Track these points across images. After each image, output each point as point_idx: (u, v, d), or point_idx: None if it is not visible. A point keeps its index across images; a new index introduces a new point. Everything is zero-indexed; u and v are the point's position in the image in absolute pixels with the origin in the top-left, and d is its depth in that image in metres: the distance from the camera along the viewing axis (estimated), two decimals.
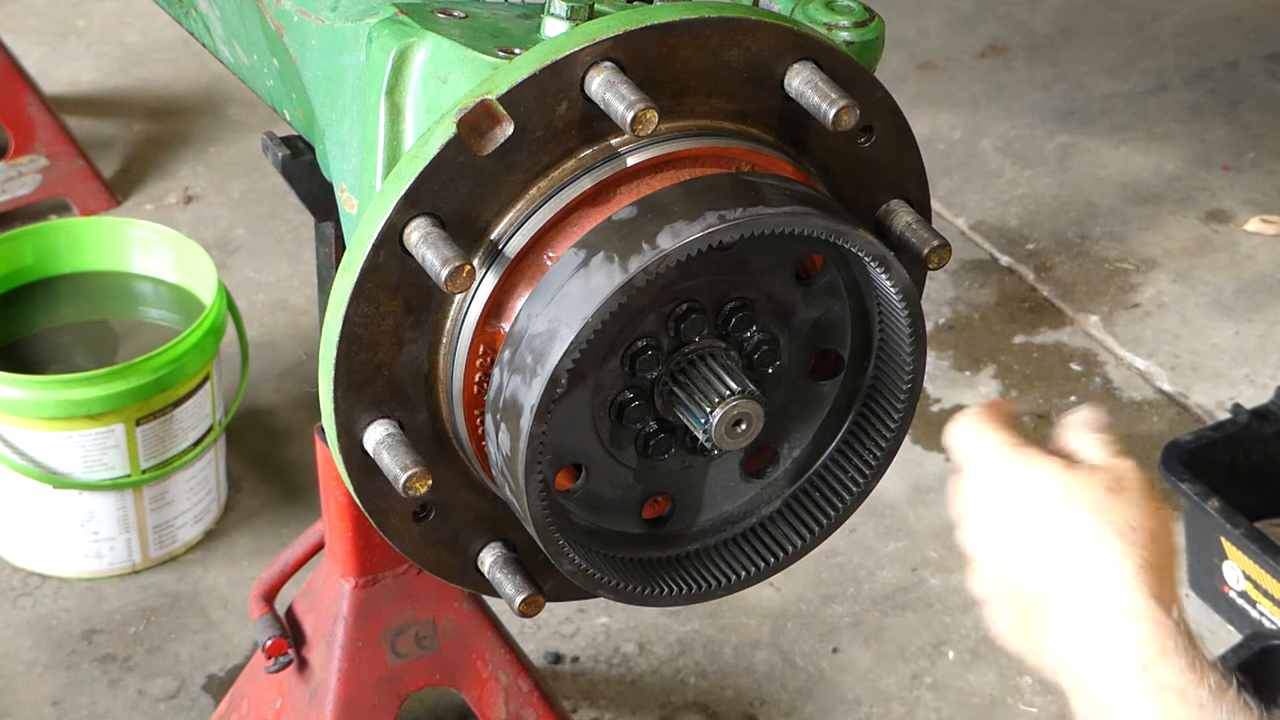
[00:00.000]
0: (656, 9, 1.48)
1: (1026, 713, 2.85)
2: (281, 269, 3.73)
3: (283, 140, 1.85)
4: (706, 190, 1.48)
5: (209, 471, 3.09)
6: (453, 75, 1.55)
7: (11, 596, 3.03)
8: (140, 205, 3.89)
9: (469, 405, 1.54)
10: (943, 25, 4.52)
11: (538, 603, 1.60)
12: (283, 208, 3.87)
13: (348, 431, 1.53)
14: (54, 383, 2.87)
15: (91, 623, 2.98)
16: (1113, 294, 3.68)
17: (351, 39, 1.65)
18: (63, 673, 2.89)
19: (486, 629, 2.42)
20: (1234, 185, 3.99)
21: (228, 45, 1.89)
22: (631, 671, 2.88)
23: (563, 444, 1.54)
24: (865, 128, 1.58)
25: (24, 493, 2.97)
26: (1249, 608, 2.91)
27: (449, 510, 1.61)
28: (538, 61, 1.44)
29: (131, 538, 3.03)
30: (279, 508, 3.19)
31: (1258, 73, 4.37)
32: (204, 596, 3.03)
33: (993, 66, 4.35)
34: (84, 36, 4.45)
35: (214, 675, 2.89)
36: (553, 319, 1.45)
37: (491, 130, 1.43)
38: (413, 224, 1.45)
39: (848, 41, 1.66)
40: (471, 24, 1.62)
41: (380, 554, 2.29)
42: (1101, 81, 4.33)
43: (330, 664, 2.36)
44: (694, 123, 1.53)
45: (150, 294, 3.20)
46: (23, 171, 3.78)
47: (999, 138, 4.09)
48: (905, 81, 4.22)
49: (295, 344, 3.53)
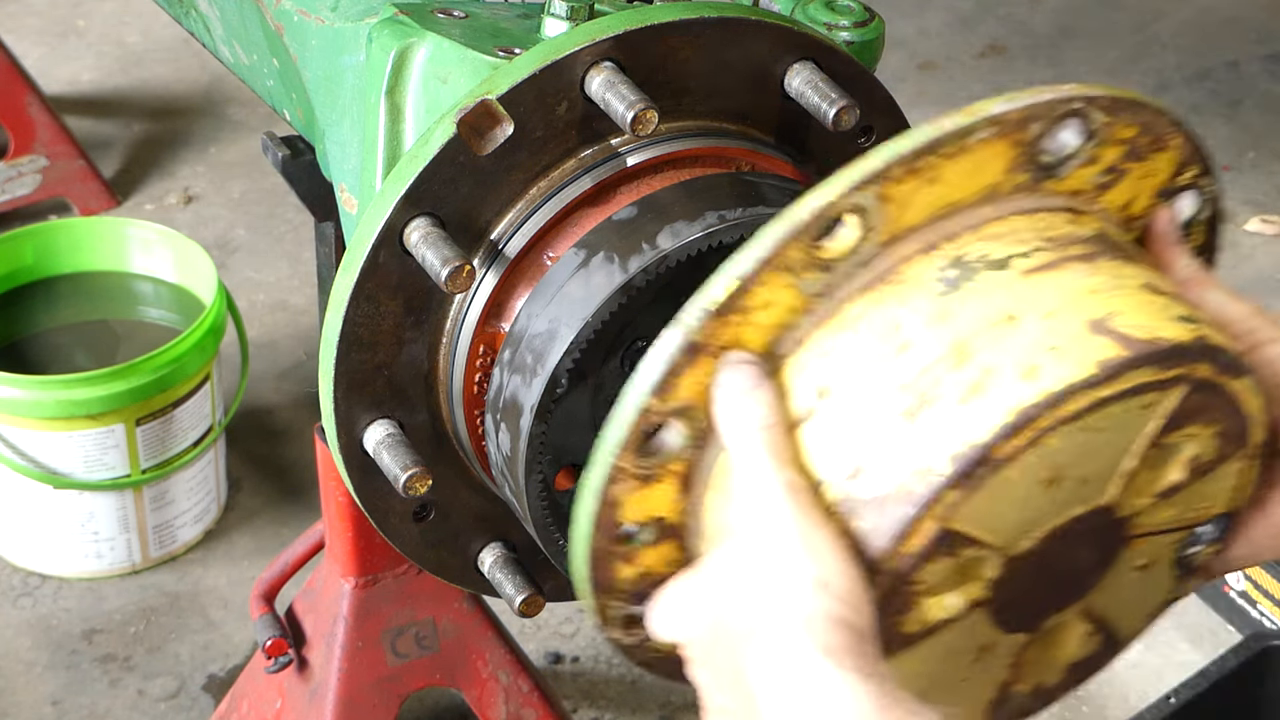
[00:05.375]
0: (656, 9, 1.48)
1: None
2: (281, 269, 3.73)
3: (283, 140, 1.85)
4: (706, 190, 1.48)
5: (209, 471, 3.09)
6: (453, 75, 1.55)
7: (11, 596, 3.03)
8: (140, 205, 3.90)
9: (469, 405, 1.54)
10: (943, 25, 4.52)
11: (538, 603, 1.60)
12: (283, 208, 3.87)
13: (348, 431, 1.53)
14: (54, 383, 2.87)
15: (91, 623, 2.98)
16: None
17: (351, 39, 1.65)
18: (63, 673, 2.89)
19: (486, 629, 2.42)
20: (1234, 185, 3.99)
21: (228, 45, 1.89)
22: (632, 671, 2.88)
23: (563, 444, 1.53)
24: (865, 128, 1.58)
25: (24, 493, 2.97)
26: (1249, 608, 2.91)
27: (449, 510, 1.61)
28: (538, 61, 1.44)
29: (131, 538, 3.03)
30: (279, 508, 3.19)
31: (1258, 73, 4.38)
32: (204, 596, 3.03)
33: (993, 66, 4.35)
34: (84, 36, 4.45)
35: (214, 675, 2.89)
36: (553, 319, 1.45)
37: (491, 130, 1.43)
38: (413, 224, 1.45)
39: (848, 41, 1.66)
40: (471, 24, 1.62)
41: (380, 554, 2.29)
42: (1101, 81, 4.33)
43: (330, 664, 2.36)
44: (694, 123, 1.53)
45: (150, 294, 3.20)
46: (23, 171, 3.78)
47: None
48: (905, 81, 4.22)
49: (295, 344, 3.53)
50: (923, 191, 1.24)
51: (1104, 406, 1.20)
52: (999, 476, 1.19)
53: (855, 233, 1.23)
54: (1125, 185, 1.33)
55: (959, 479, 1.18)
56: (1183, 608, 3.00)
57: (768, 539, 1.19)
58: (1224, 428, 1.29)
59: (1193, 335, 1.24)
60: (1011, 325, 1.21)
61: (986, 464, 1.18)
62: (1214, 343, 1.26)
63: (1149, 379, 1.21)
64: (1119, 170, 1.32)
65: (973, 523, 1.21)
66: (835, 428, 1.22)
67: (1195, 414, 1.27)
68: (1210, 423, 1.28)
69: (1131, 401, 1.22)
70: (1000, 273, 1.24)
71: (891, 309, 1.24)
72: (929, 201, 1.25)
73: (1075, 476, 1.24)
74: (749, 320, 1.23)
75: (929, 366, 1.20)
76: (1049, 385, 1.18)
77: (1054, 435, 1.19)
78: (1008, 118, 1.26)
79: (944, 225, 1.26)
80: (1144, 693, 2.83)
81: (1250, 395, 1.29)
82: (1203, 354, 1.24)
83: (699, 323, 1.22)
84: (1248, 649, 2.49)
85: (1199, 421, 1.27)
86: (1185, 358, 1.23)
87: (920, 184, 1.24)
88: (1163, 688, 2.57)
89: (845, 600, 1.17)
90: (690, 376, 1.23)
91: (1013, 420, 1.17)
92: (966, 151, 1.25)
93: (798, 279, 1.23)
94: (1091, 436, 1.21)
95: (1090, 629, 1.36)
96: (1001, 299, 1.23)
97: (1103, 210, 1.33)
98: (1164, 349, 1.22)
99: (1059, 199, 1.31)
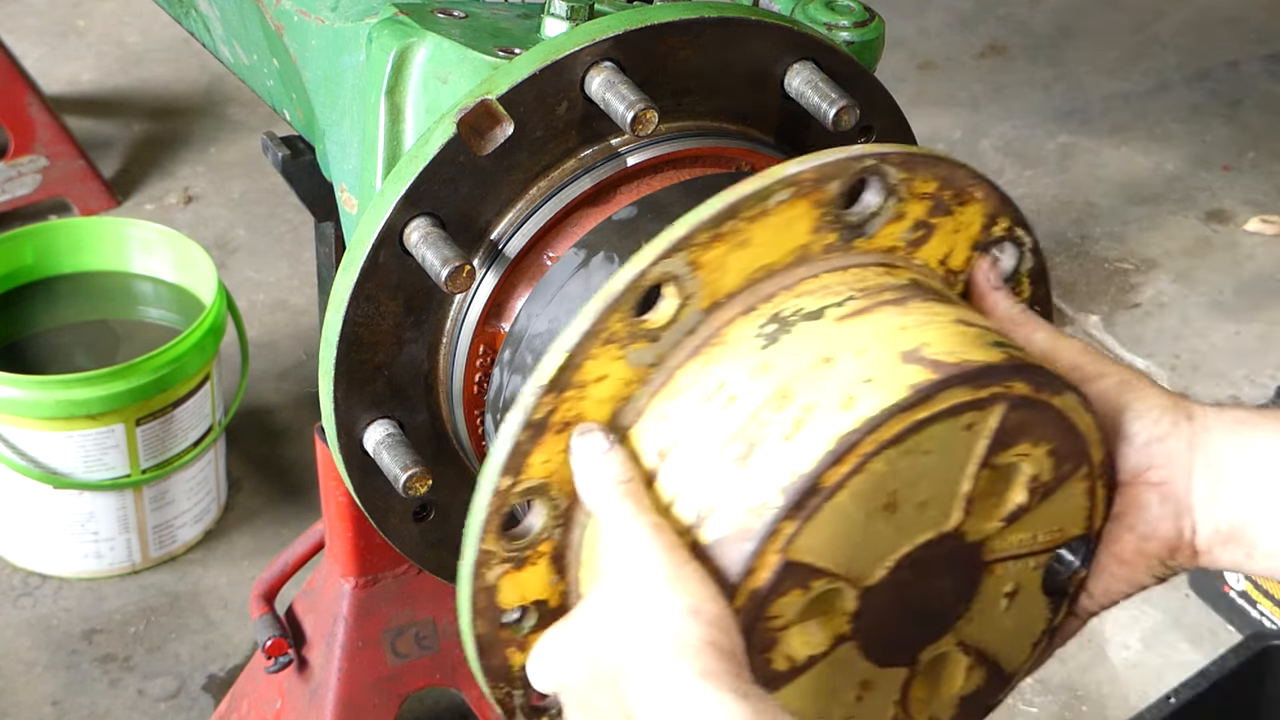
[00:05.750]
0: (656, 9, 1.48)
1: (1026, 712, 2.85)
2: (281, 269, 3.73)
3: (283, 140, 1.85)
4: (706, 190, 1.48)
5: (209, 471, 3.09)
6: (453, 75, 1.55)
7: (11, 596, 3.03)
8: (140, 205, 3.90)
9: (469, 405, 1.54)
10: (943, 25, 4.52)
11: None
12: (283, 208, 3.87)
13: (348, 431, 1.53)
14: (54, 383, 2.87)
15: (91, 623, 2.98)
16: (1113, 294, 3.68)
17: (351, 39, 1.65)
18: (63, 673, 2.89)
19: None
20: (1234, 185, 3.99)
21: (228, 45, 1.89)
22: None
23: None
24: (865, 128, 1.58)
25: (24, 493, 2.97)
26: (1249, 608, 2.91)
27: (449, 510, 1.61)
28: (538, 61, 1.44)
29: (131, 538, 3.03)
30: (279, 508, 3.19)
31: (1258, 73, 4.38)
32: (204, 596, 3.03)
33: (993, 66, 4.35)
34: (84, 36, 4.45)
35: (214, 675, 2.89)
36: (553, 319, 1.45)
37: (491, 130, 1.43)
38: (413, 224, 1.45)
39: (848, 41, 1.66)
40: (471, 24, 1.62)
41: (380, 554, 2.29)
42: (1101, 81, 4.33)
43: (330, 664, 2.36)
44: (694, 123, 1.53)
45: (150, 294, 3.20)
46: (23, 171, 3.78)
47: (999, 138, 4.10)
48: (905, 81, 4.22)
49: (295, 344, 3.53)
50: (734, 255, 1.30)
51: (924, 428, 1.25)
52: (832, 504, 1.24)
53: (674, 301, 1.29)
54: (938, 240, 1.38)
55: (791, 509, 1.23)
56: (1182, 608, 3.00)
57: (636, 576, 1.23)
58: (1057, 446, 1.33)
59: (1003, 356, 1.28)
60: (828, 365, 1.27)
61: (816, 493, 1.23)
62: (1027, 361, 1.29)
63: (964, 398, 1.25)
64: (928, 225, 1.37)
65: (815, 554, 1.25)
66: (677, 484, 1.28)
67: (1022, 431, 1.30)
68: (1041, 440, 1.32)
69: (951, 422, 1.26)
70: (816, 322, 1.30)
71: (717, 368, 1.30)
72: (742, 266, 1.31)
73: (914, 501, 1.28)
74: (586, 394, 1.29)
75: (755, 413, 1.26)
76: (865, 412, 1.23)
77: (879, 460, 1.24)
78: (802, 178, 1.31)
79: (761, 288, 1.32)
80: (1144, 693, 2.83)
81: (1078, 412, 1.32)
82: (1015, 371, 1.28)
83: (535, 400, 1.28)
84: (1248, 649, 2.49)
85: (1028, 439, 1.31)
86: (997, 375, 1.27)
87: (730, 248, 1.30)
88: (1163, 688, 2.57)
89: (717, 625, 1.20)
90: (539, 455, 1.29)
91: (834, 448, 1.23)
92: (769, 214, 1.30)
93: (626, 351, 1.29)
94: (919, 459, 1.26)
95: (971, 661, 1.39)
96: (818, 344, 1.28)
97: (923, 265, 1.38)
98: (974, 369, 1.26)
99: (872, 256, 1.36)
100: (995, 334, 1.32)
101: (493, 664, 1.38)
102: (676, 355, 1.31)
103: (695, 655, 1.18)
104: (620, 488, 1.27)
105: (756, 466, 1.25)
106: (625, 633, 1.22)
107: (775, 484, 1.23)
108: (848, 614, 1.30)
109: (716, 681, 1.17)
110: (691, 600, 1.21)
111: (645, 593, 1.23)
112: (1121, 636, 2.96)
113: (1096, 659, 2.93)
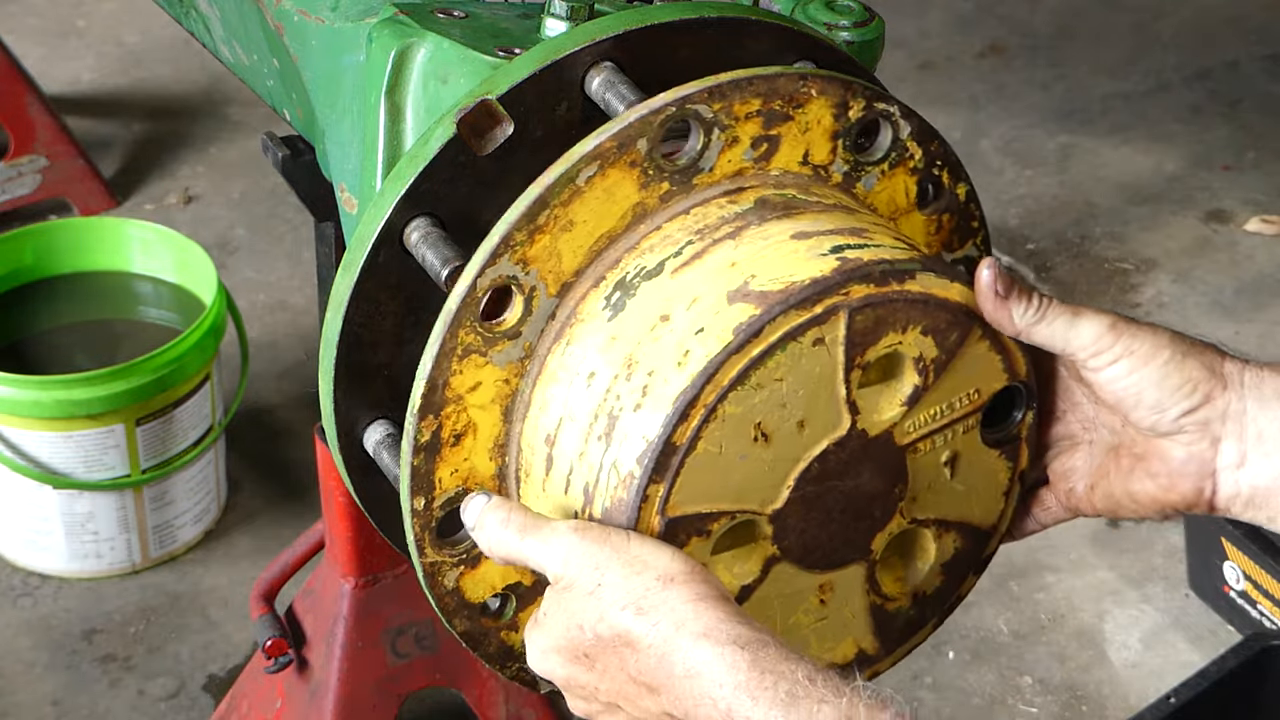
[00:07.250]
0: (656, 9, 1.48)
1: (1026, 712, 2.85)
2: (281, 269, 3.73)
3: (283, 140, 1.85)
4: None
5: (209, 471, 3.10)
6: (453, 75, 1.55)
7: (11, 596, 3.03)
8: (140, 205, 3.90)
9: None
10: (943, 25, 4.52)
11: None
12: (283, 208, 3.87)
13: (348, 431, 1.53)
14: (54, 383, 2.87)
15: (91, 623, 2.98)
16: (1113, 294, 3.68)
17: (351, 39, 1.65)
18: (63, 673, 2.89)
19: None
20: (1234, 185, 3.99)
21: (228, 45, 1.89)
22: None
23: None
24: None
25: (24, 493, 2.97)
26: (1249, 608, 2.91)
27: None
28: (538, 61, 1.44)
29: (131, 538, 3.03)
30: (279, 508, 3.19)
31: (1258, 73, 4.38)
32: (204, 596, 3.03)
33: (993, 66, 4.35)
34: (84, 36, 4.45)
35: (214, 675, 2.89)
36: None
37: (491, 130, 1.43)
38: (413, 224, 1.45)
39: (848, 41, 1.66)
40: (471, 24, 1.62)
41: (380, 554, 2.29)
42: (1101, 81, 4.33)
43: (330, 664, 2.36)
44: None
45: (150, 294, 3.20)
46: (23, 171, 3.78)
47: (999, 138, 4.10)
48: (905, 81, 4.22)
49: (295, 344, 3.53)
50: (565, 239, 1.33)
51: (764, 361, 1.27)
52: (695, 456, 1.27)
53: (521, 298, 1.34)
54: (788, 146, 1.39)
55: (653, 475, 1.27)
56: (1182, 608, 3.00)
57: (592, 578, 1.27)
58: (928, 324, 1.33)
59: (833, 267, 1.29)
60: (665, 325, 1.30)
61: (673, 452, 1.27)
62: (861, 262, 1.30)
63: (797, 320, 1.27)
64: (770, 138, 1.38)
65: (699, 502, 1.29)
66: (564, 467, 1.33)
67: (880, 326, 1.31)
68: (907, 325, 1.32)
69: (794, 346, 1.28)
70: (655, 280, 1.33)
71: (576, 348, 1.34)
72: (579, 244, 1.34)
73: (789, 425, 1.30)
74: (466, 404, 1.34)
75: (610, 387, 1.30)
76: (695, 367, 1.26)
77: (727, 403, 1.27)
78: (603, 149, 1.33)
79: (607, 255, 1.35)
80: (1144, 693, 2.83)
81: (941, 284, 1.32)
82: (849, 278, 1.29)
83: (415, 426, 1.34)
84: (1248, 649, 2.49)
85: (891, 330, 1.32)
86: (829, 288, 1.28)
87: (555, 234, 1.33)
88: (1163, 688, 2.57)
89: (690, 578, 1.25)
90: (444, 469, 1.36)
91: (672, 410, 1.26)
92: (583, 192, 1.33)
93: (490, 355, 1.34)
94: (774, 387, 1.28)
95: (935, 531, 1.42)
96: (656, 303, 1.31)
97: (780, 174, 1.38)
98: (800, 291, 1.28)
99: (718, 188, 1.37)
100: (837, 238, 1.33)
101: (491, 651, 1.43)
102: (544, 342, 1.35)
103: (693, 618, 1.23)
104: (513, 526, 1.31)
105: (618, 440, 1.29)
106: (617, 626, 1.26)
107: (633, 454, 1.28)
108: (768, 537, 1.33)
109: (713, 638, 1.22)
110: (656, 569, 1.26)
111: (610, 585, 1.26)
112: (1121, 636, 2.97)
113: (1096, 659, 2.93)
